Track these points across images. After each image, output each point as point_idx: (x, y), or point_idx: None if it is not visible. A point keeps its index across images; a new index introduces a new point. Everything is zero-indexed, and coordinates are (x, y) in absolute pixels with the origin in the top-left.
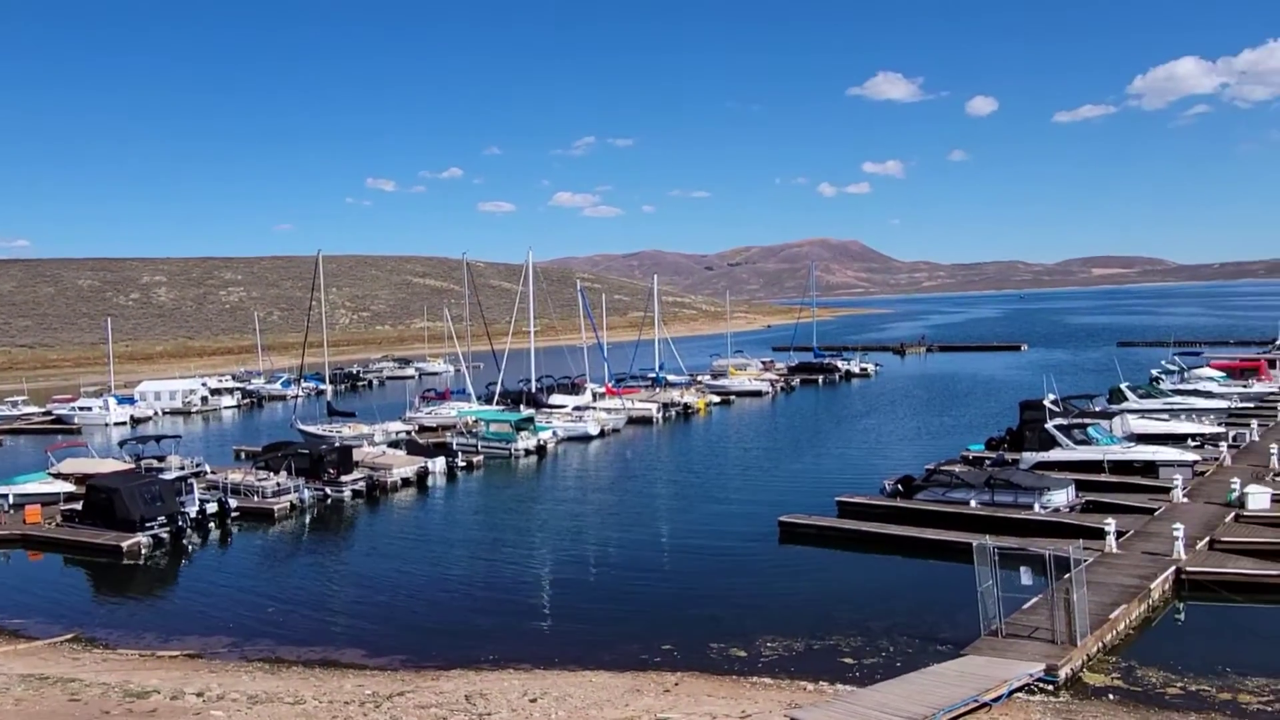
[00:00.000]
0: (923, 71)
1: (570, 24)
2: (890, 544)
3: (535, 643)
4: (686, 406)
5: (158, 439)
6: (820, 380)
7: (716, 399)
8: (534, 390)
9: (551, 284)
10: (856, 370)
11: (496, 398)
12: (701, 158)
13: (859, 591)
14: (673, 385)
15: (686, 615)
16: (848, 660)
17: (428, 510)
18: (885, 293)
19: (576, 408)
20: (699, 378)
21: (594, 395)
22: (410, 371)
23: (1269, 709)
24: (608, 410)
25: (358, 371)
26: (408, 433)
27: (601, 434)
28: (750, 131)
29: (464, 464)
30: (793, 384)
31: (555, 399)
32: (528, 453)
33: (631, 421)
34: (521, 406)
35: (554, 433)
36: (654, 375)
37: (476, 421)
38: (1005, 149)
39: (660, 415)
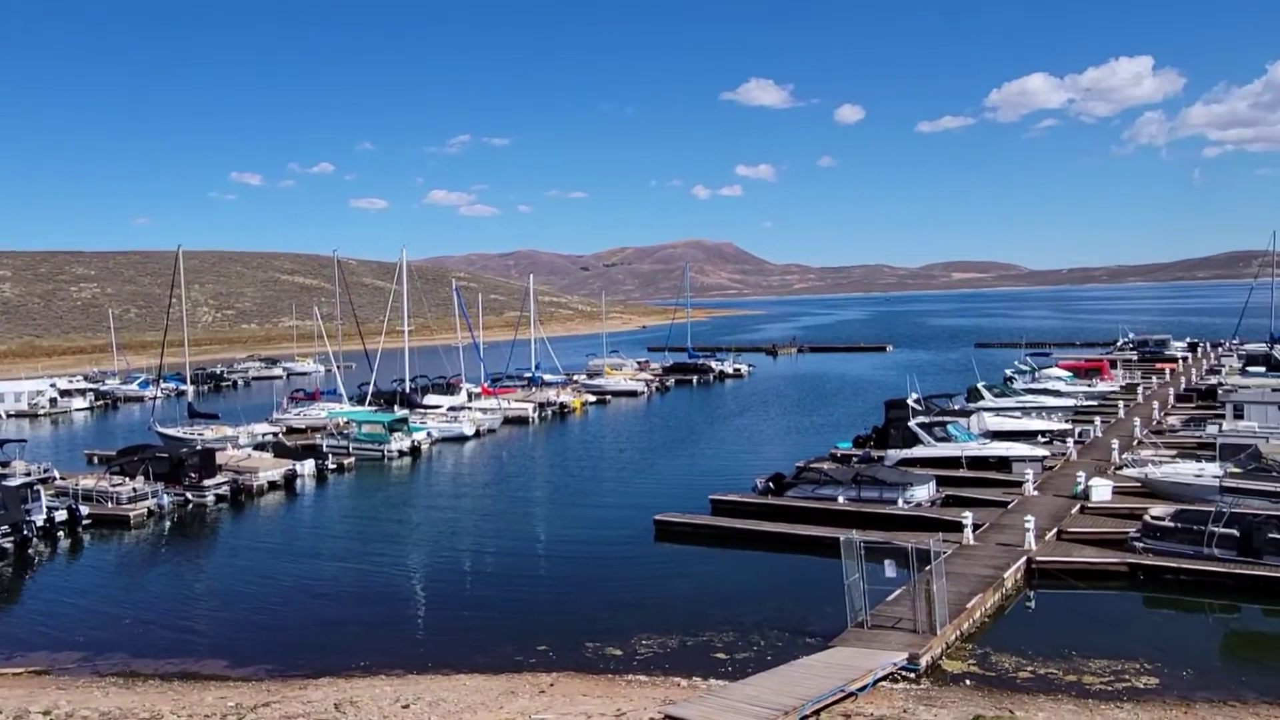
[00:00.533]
0: (793, 79)
1: (445, 20)
2: (762, 540)
3: (407, 648)
4: (563, 406)
5: (0, 443)
6: (695, 380)
7: (593, 399)
8: (408, 390)
9: (426, 283)
10: (730, 370)
11: (369, 398)
12: (578, 158)
13: (732, 587)
14: (549, 385)
15: (562, 615)
16: (721, 655)
17: (296, 515)
18: (758, 294)
19: (451, 408)
20: (575, 377)
21: (469, 395)
22: (278, 371)
23: (1109, 688)
24: (483, 410)
25: (222, 372)
26: (275, 435)
27: (477, 434)
28: (626, 133)
29: (334, 466)
30: (668, 384)
31: (430, 399)
32: (401, 454)
33: (507, 421)
34: (395, 407)
35: (428, 434)
36: (530, 375)
37: (348, 423)
38: (872, 156)
39: (536, 415)
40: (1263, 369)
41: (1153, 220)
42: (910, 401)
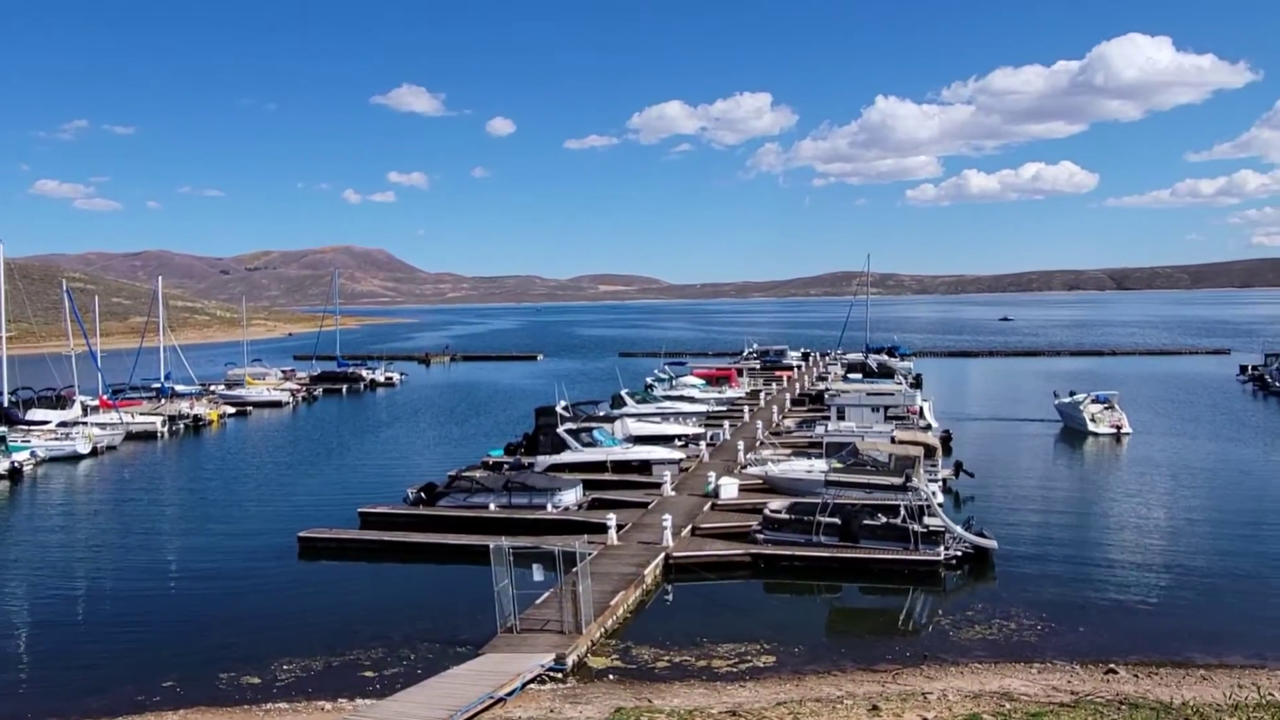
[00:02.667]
0: (446, 87)
1: None
2: (413, 552)
3: (5, 700)
4: (197, 419)
5: None
6: (344, 390)
7: (231, 410)
8: (5, 405)
9: (32, 283)
10: (381, 379)
11: None
12: (214, 154)
13: (381, 602)
14: (181, 396)
15: (193, 646)
16: (369, 674)
17: None
18: (411, 302)
19: (62, 423)
20: (212, 388)
21: (85, 409)
22: None
23: (734, 669)
24: (101, 426)
25: None
26: None
27: (94, 452)
28: (268, 131)
29: None
30: (315, 394)
31: (35, 414)
32: None
33: (132, 437)
34: None
35: (33, 453)
36: (159, 386)
37: None
38: (523, 169)
39: (166, 429)
40: (860, 376)
41: (773, 241)
42: (559, 409)
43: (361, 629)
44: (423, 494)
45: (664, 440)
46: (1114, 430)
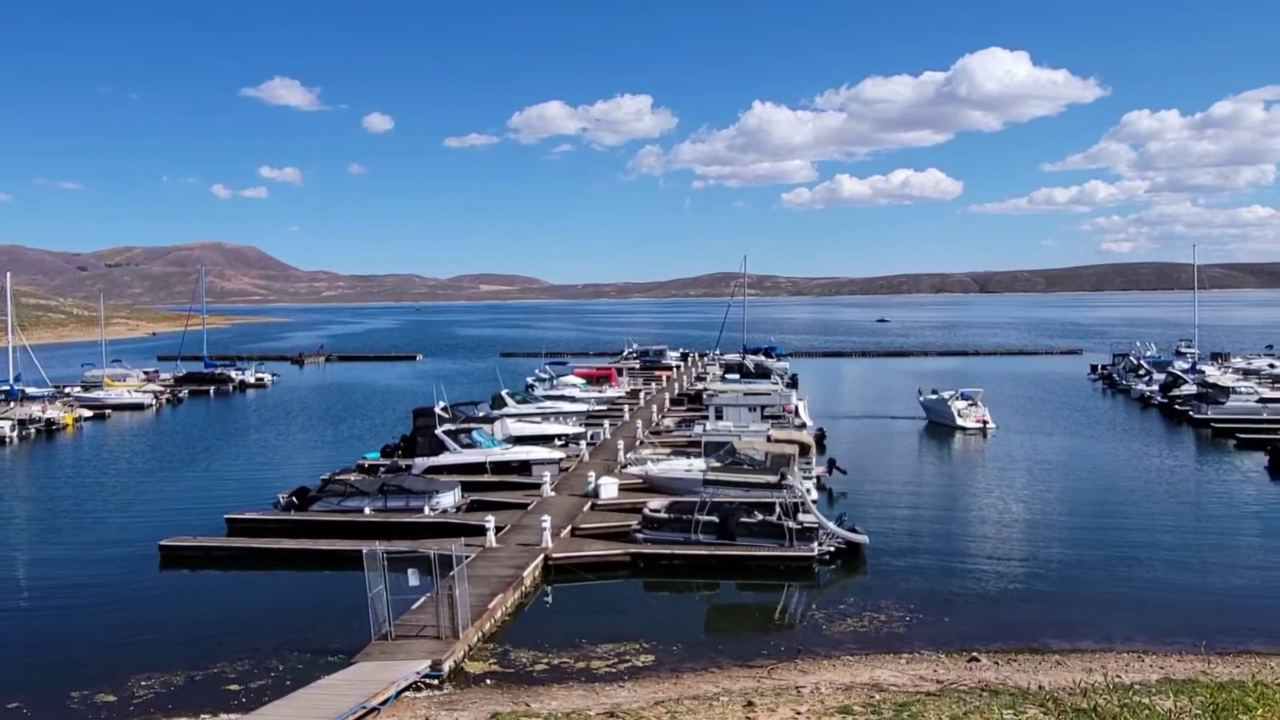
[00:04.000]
0: (321, 81)
1: None
2: (283, 559)
3: None
4: (50, 423)
5: None
6: (212, 391)
7: (88, 414)
8: None
9: None
10: (252, 380)
11: None
12: (70, 145)
13: (248, 612)
14: (32, 399)
15: (43, 664)
16: (234, 687)
17: None
18: (285, 301)
19: None
20: (68, 390)
21: None
22: None
23: (613, 670)
24: None
25: None
26: None
27: None
28: (131, 121)
29: None
30: (180, 396)
31: None
32: None
33: None
34: None
35: None
36: (8, 388)
37: None
38: (402, 166)
39: (15, 434)
40: (737, 376)
41: (654, 242)
42: (437, 410)
43: (226, 640)
44: (294, 499)
45: (544, 440)
46: (980, 425)
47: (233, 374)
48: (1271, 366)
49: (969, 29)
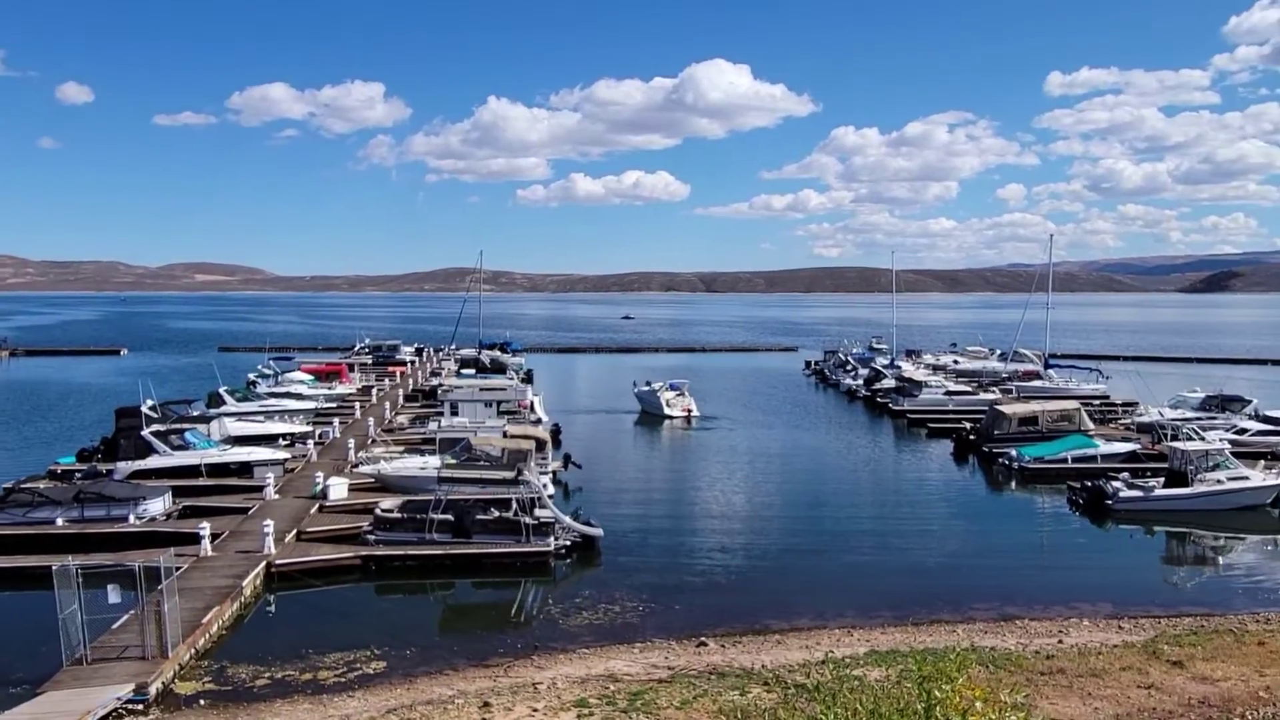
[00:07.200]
0: (6, 43)
1: None
2: None
3: None
4: None
5: None
6: None
7: None
8: None
9: None
10: None
11: None
12: None
13: None
14: None
15: None
16: None
17: None
18: None
19: None
20: None
21: None
22: None
23: (343, 679)
24: None
25: None
26: None
27: None
28: None
29: None
30: None
31: None
32: None
33: None
34: None
35: None
36: None
37: None
38: (104, 143)
39: None
40: (473, 371)
41: (387, 235)
42: (144, 409)
43: None
44: None
45: (267, 440)
46: (685, 414)
47: None
48: (955, 362)
49: (696, 39)
